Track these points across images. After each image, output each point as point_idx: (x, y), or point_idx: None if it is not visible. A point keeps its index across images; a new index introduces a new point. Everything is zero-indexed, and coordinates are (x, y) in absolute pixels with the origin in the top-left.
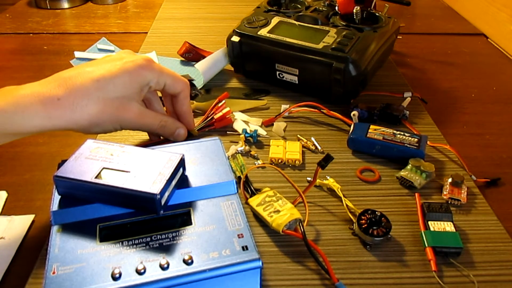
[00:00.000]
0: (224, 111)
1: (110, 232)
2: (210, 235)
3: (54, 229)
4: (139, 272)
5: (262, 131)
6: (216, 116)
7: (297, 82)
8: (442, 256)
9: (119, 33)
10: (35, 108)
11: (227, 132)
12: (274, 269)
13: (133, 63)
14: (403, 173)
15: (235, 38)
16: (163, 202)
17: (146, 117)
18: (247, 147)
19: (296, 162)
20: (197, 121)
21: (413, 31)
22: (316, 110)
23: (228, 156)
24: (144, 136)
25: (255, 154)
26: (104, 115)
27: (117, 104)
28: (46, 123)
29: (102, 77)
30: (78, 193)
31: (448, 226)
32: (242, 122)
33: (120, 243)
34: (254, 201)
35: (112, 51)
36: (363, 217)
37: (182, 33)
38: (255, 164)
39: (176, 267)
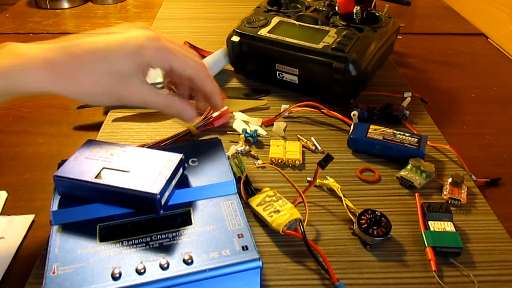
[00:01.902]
0: (222, 109)
1: (110, 232)
2: (210, 235)
3: (54, 229)
4: (139, 272)
5: (262, 131)
6: (214, 115)
7: (297, 82)
8: (442, 256)
9: None
10: (29, 70)
11: (227, 132)
12: (274, 269)
13: (135, 40)
14: (403, 173)
15: (235, 38)
16: (163, 202)
17: (146, 95)
18: (247, 147)
19: (296, 162)
20: (196, 120)
21: (413, 31)
22: (316, 110)
23: (228, 156)
24: (144, 136)
25: (255, 154)
26: (97, 88)
27: (113, 80)
28: (39, 85)
29: (98, 50)
30: (78, 193)
31: (448, 226)
32: (242, 122)
33: (120, 243)
34: (254, 201)
35: None
36: (363, 217)
37: (182, 33)
38: (255, 164)
39: (176, 267)
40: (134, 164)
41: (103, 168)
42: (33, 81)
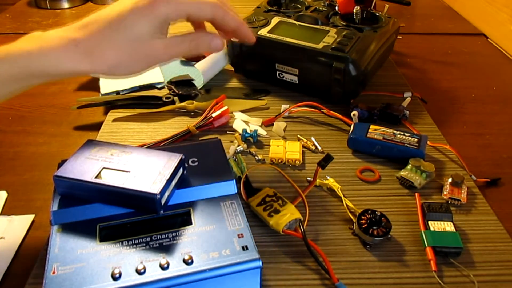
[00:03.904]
0: (222, 110)
1: (110, 232)
2: (210, 235)
3: (54, 229)
4: (139, 272)
5: (262, 131)
6: (214, 115)
7: (297, 82)
8: (442, 256)
9: None
10: (56, 51)
11: (227, 132)
12: (274, 269)
13: (146, 0)
14: (403, 173)
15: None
16: (163, 202)
17: (173, 46)
18: (245, 145)
19: (296, 162)
20: (196, 120)
21: (413, 31)
22: (316, 110)
23: (228, 156)
24: (144, 136)
25: (254, 152)
26: (123, 58)
27: (135, 45)
28: (67, 66)
29: (113, 20)
30: (78, 193)
31: (448, 226)
32: (242, 122)
33: (120, 243)
34: (254, 201)
35: None
36: (363, 217)
37: (182, 33)
38: (254, 157)
39: (176, 267)
40: (134, 164)
41: (103, 168)
42: (60, 62)
